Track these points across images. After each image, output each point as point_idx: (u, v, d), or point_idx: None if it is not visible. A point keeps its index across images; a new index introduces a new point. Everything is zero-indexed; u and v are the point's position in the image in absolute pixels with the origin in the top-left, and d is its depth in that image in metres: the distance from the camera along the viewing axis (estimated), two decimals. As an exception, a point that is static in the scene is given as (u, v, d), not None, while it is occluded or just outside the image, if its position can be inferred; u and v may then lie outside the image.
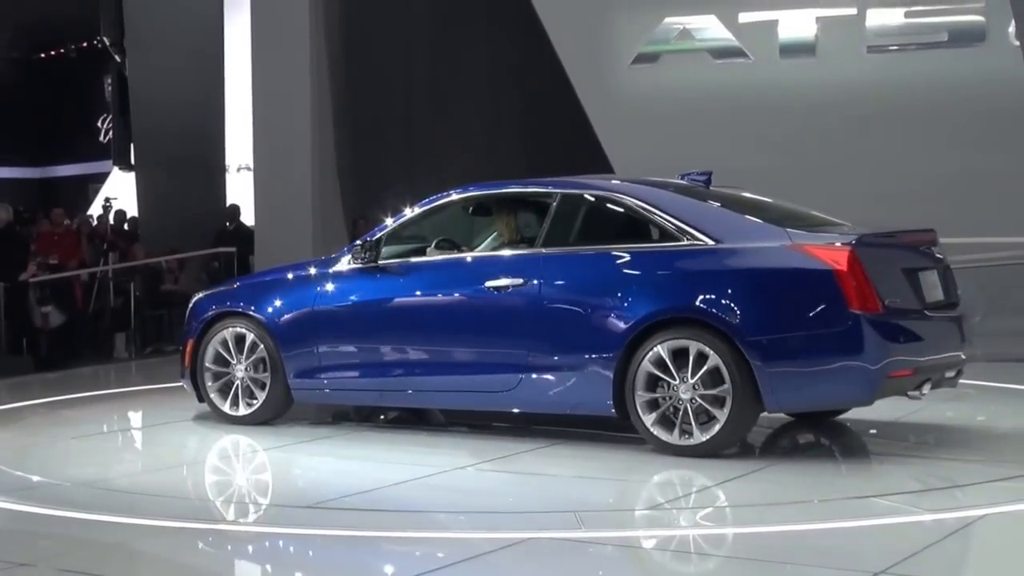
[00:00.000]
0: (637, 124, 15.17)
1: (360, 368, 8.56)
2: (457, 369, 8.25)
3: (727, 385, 7.17)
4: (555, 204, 8.07)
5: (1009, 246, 13.24)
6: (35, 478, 7.50)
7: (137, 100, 19.85)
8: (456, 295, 8.25)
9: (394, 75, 18.69)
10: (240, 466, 8.17)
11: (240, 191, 19.46)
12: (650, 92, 15.32)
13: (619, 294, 7.61)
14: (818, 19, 14.92)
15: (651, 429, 7.44)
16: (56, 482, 7.30)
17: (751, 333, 7.17)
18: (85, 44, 28.43)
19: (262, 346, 8.81)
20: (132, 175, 20.93)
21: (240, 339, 8.91)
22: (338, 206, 16.77)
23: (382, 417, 9.30)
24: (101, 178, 27.72)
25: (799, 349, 7.15)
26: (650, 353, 7.38)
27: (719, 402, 7.22)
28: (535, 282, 7.88)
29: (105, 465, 7.94)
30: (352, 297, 8.60)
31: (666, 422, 7.39)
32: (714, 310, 7.28)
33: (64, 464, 7.98)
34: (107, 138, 27.48)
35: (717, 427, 7.24)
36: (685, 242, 7.55)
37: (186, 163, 18.86)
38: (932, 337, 7.45)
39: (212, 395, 9.05)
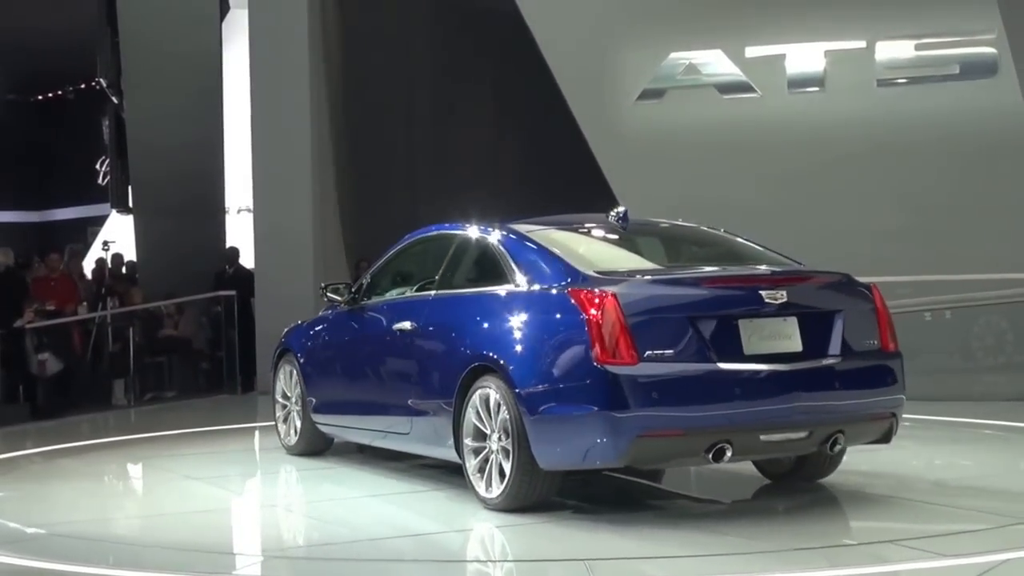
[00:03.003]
0: (643, 161, 15.18)
1: (335, 406, 9.20)
2: (380, 410, 8.52)
3: (509, 438, 7.02)
4: (453, 247, 8.17)
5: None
6: (30, 530, 7.45)
7: (135, 142, 19.88)
8: (379, 336, 8.54)
9: (395, 114, 18.75)
10: (240, 514, 8.12)
11: (240, 233, 19.47)
12: (656, 128, 15.34)
13: (458, 337, 7.62)
14: (827, 52, 14.97)
15: (471, 478, 7.35)
16: (52, 533, 7.24)
17: (521, 383, 6.90)
18: (83, 85, 28.57)
19: (296, 380, 9.66)
20: (130, 218, 20.94)
21: (289, 375, 9.88)
22: (340, 248, 16.80)
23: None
24: (99, 221, 27.78)
25: (556, 402, 6.75)
26: (470, 400, 7.31)
27: (508, 455, 7.01)
28: (418, 325, 8.06)
29: (104, 516, 7.89)
30: (327, 337, 9.43)
31: (483, 472, 7.26)
32: (501, 358, 7.09)
33: (61, 515, 7.92)
34: (105, 181, 27.54)
35: (505, 482, 7.07)
36: (508, 285, 7.42)
37: (185, 205, 18.88)
38: (740, 394, 6.69)
39: (279, 425, 10.02)
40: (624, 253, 7.73)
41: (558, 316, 6.86)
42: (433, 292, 8.12)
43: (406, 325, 8.15)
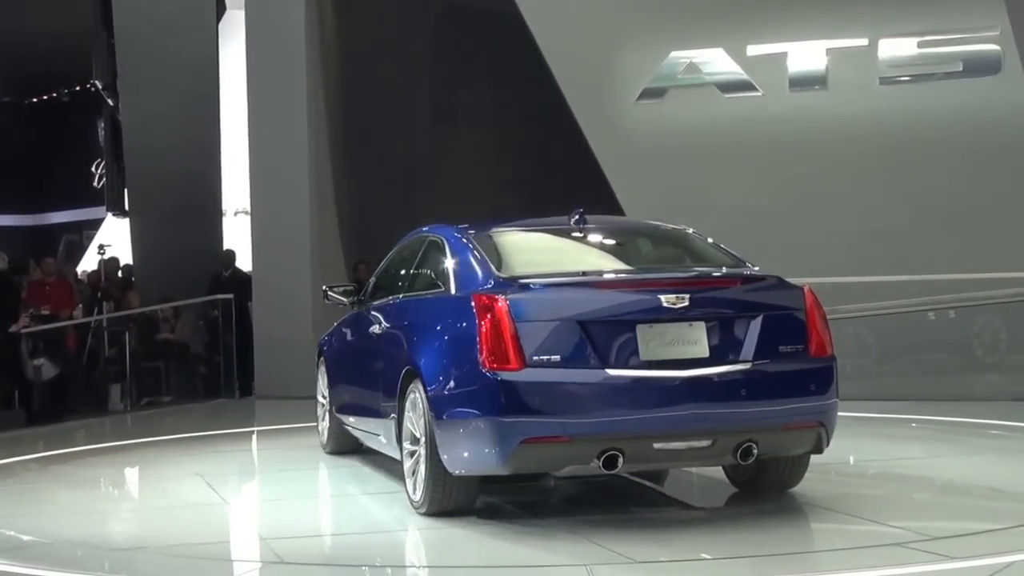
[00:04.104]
0: (644, 161, 15.17)
1: (343, 407, 9.36)
2: (364, 411, 8.63)
3: (422, 441, 7.11)
4: (421, 250, 8.23)
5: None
6: (26, 537, 7.42)
7: (131, 144, 19.85)
8: (365, 339, 8.67)
9: (393, 114, 18.74)
10: (239, 521, 8.10)
11: (237, 236, 19.45)
12: (657, 128, 15.32)
13: (401, 342, 7.74)
14: (828, 50, 14.94)
15: (405, 481, 7.45)
16: (48, 541, 7.21)
17: (431, 388, 6.99)
18: (78, 88, 28.56)
19: (320, 380, 9.91)
20: (126, 221, 20.92)
21: (321, 376, 9.98)
22: (338, 250, 16.78)
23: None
24: (95, 224, 27.77)
25: (455, 407, 6.81)
26: (405, 404, 7.39)
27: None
28: (383, 329, 8.26)
29: (100, 523, 7.87)
30: (339, 339, 9.64)
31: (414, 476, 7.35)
32: (419, 363, 7.20)
33: (57, 522, 7.89)
34: (101, 183, 27.53)
35: (422, 486, 7.16)
36: (442, 289, 7.52)
37: (181, 208, 18.85)
38: (631, 401, 6.61)
39: (318, 424, 10.14)
40: (561, 256, 7.68)
41: (463, 321, 6.88)
42: (401, 295, 8.25)
43: (376, 329, 8.38)
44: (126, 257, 20.05)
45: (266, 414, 14.61)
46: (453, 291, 7.32)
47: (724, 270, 7.35)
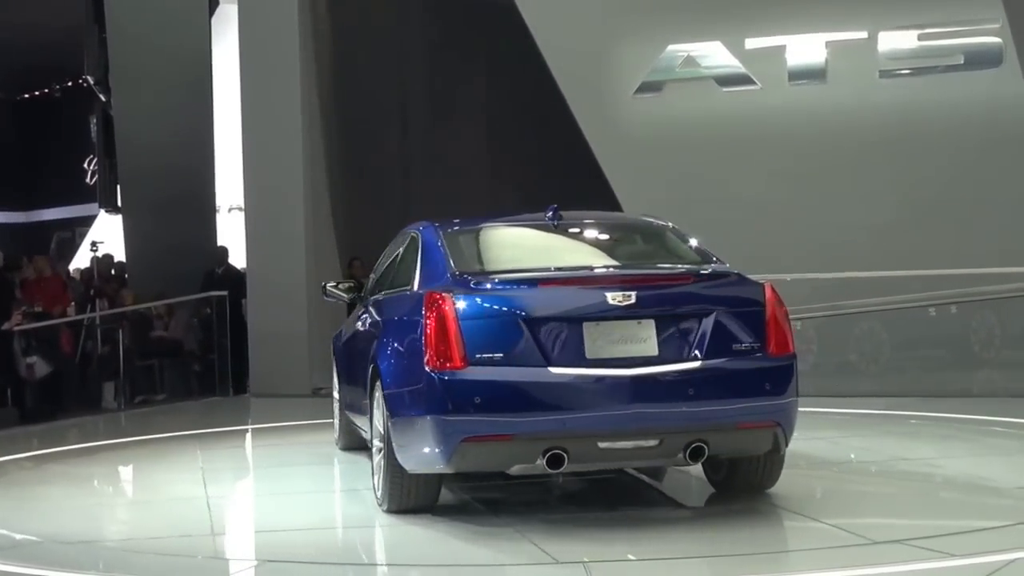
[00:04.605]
0: (642, 155, 15.18)
1: (345, 404, 9.38)
2: (356, 409, 8.64)
3: (379, 440, 7.19)
4: (403, 246, 8.25)
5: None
6: (19, 536, 7.43)
7: (123, 140, 19.84)
8: (356, 337, 8.73)
9: (388, 109, 18.72)
10: (231, 519, 8.11)
11: (231, 232, 19.45)
12: (654, 122, 15.34)
13: (373, 340, 7.78)
14: (828, 43, 14.95)
15: (372, 478, 7.51)
16: (41, 540, 7.21)
17: (386, 385, 7.09)
18: (70, 83, 28.54)
19: (334, 377, 9.92)
20: (119, 218, 20.92)
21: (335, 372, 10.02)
22: (333, 246, 16.78)
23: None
24: (88, 221, 27.75)
25: (404, 405, 6.89)
26: (373, 402, 7.44)
27: None
28: (364, 327, 8.34)
29: (94, 522, 7.88)
30: (343, 336, 9.55)
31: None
32: (380, 361, 7.31)
33: (51, 520, 7.88)
34: (93, 180, 27.52)
35: (382, 483, 7.26)
36: (408, 286, 7.55)
37: (175, 204, 18.84)
38: (574, 400, 6.57)
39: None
40: (525, 253, 7.66)
41: (415, 319, 6.91)
42: (382, 293, 8.28)
43: (361, 326, 8.48)
44: (119, 254, 20.04)
45: (260, 412, 14.62)
46: (415, 288, 7.36)
47: (683, 267, 7.32)
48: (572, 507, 7.67)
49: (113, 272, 19.06)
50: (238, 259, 17.67)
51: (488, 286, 6.86)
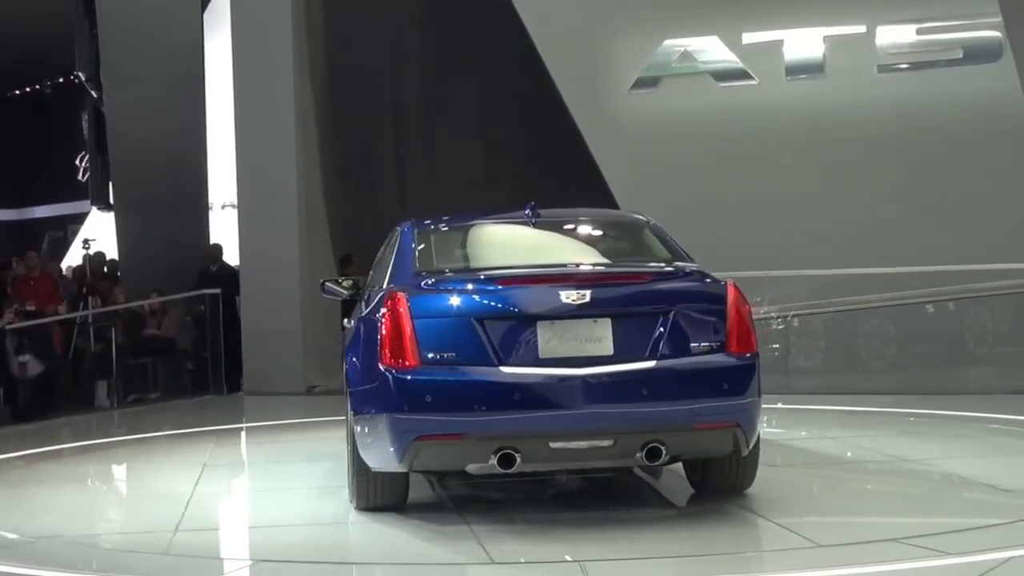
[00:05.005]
0: (638, 151, 15.20)
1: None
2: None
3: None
4: (388, 243, 8.29)
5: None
6: (12, 535, 7.42)
7: (115, 137, 19.80)
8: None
9: (383, 105, 18.73)
10: (229, 517, 8.13)
11: (225, 229, 19.44)
12: (651, 117, 15.36)
13: (345, 338, 7.89)
14: (826, 38, 14.98)
15: (347, 476, 7.57)
16: (34, 539, 7.23)
17: (349, 383, 7.18)
18: (61, 80, 28.50)
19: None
20: (111, 215, 20.90)
21: None
22: (327, 244, 16.78)
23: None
24: (80, 219, 27.75)
25: (363, 403, 6.98)
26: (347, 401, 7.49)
27: None
28: (351, 324, 8.29)
29: (87, 521, 7.90)
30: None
31: None
32: (347, 358, 7.43)
33: (43, 520, 7.90)
34: (85, 177, 27.50)
35: (350, 481, 7.36)
36: (380, 284, 7.62)
37: (167, 201, 18.81)
38: (526, 399, 6.56)
39: None
40: (494, 252, 7.72)
41: (375, 317, 6.97)
42: (367, 291, 8.31)
43: (345, 322, 8.56)
44: (111, 252, 20.05)
45: (254, 411, 14.63)
46: (384, 287, 7.42)
47: (646, 265, 7.35)
48: (538, 507, 7.67)
49: (106, 270, 19.06)
50: (232, 257, 17.67)
51: (443, 285, 6.96)
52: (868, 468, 8.69)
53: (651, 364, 6.66)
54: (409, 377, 6.62)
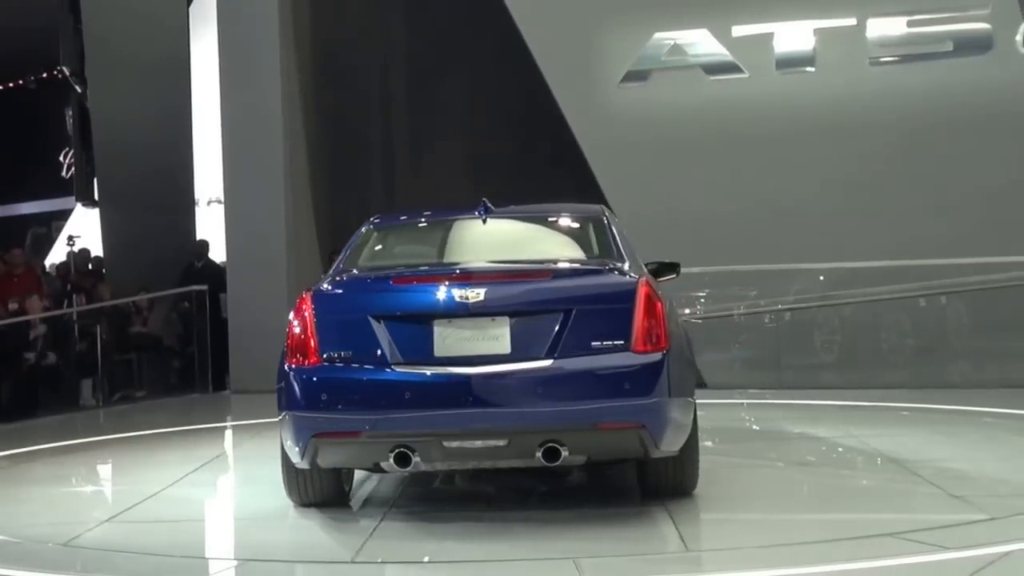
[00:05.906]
0: (628, 145, 15.17)
1: None
2: None
3: None
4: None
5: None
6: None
7: (100, 132, 19.76)
8: None
9: (370, 100, 18.70)
10: (217, 521, 8.08)
11: (210, 225, 19.39)
12: (641, 111, 15.33)
13: None
14: (816, 30, 14.97)
15: None
16: (17, 540, 7.19)
17: (277, 381, 7.17)
18: (44, 74, 28.40)
19: None
20: (96, 211, 20.84)
21: None
22: (313, 240, 16.74)
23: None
24: (64, 215, 27.67)
25: (278, 400, 7.02)
26: None
27: None
28: None
29: (72, 521, 7.84)
30: None
31: None
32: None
33: (28, 520, 7.87)
34: (69, 173, 27.43)
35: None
36: None
37: (153, 197, 18.76)
38: (418, 398, 6.59)
39: None
40: (424, 250, 7.82)
41: (290, 317, 7.06)
42: None
43: None
44: (96, 248, 19.99)
45: (241, 409, 14.58)
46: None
47: (552, 263, 7.34)
48: (469, 506, 7.71)
49: (90, 267, 19.00)
50: (218, 253, 17.62)
51: (346, 285, 7.12)
52: (861, 464, 8.67)
53: (548, 363, 6.62)
54: (306, 376, 6.76)
